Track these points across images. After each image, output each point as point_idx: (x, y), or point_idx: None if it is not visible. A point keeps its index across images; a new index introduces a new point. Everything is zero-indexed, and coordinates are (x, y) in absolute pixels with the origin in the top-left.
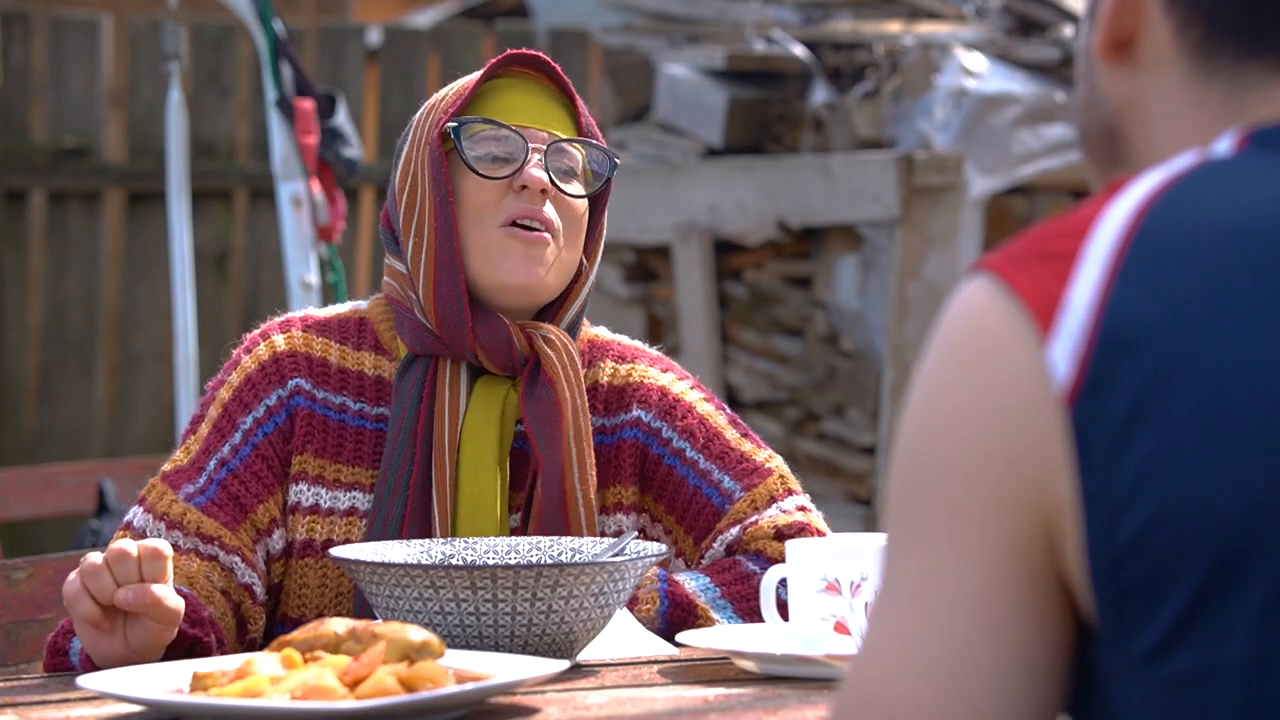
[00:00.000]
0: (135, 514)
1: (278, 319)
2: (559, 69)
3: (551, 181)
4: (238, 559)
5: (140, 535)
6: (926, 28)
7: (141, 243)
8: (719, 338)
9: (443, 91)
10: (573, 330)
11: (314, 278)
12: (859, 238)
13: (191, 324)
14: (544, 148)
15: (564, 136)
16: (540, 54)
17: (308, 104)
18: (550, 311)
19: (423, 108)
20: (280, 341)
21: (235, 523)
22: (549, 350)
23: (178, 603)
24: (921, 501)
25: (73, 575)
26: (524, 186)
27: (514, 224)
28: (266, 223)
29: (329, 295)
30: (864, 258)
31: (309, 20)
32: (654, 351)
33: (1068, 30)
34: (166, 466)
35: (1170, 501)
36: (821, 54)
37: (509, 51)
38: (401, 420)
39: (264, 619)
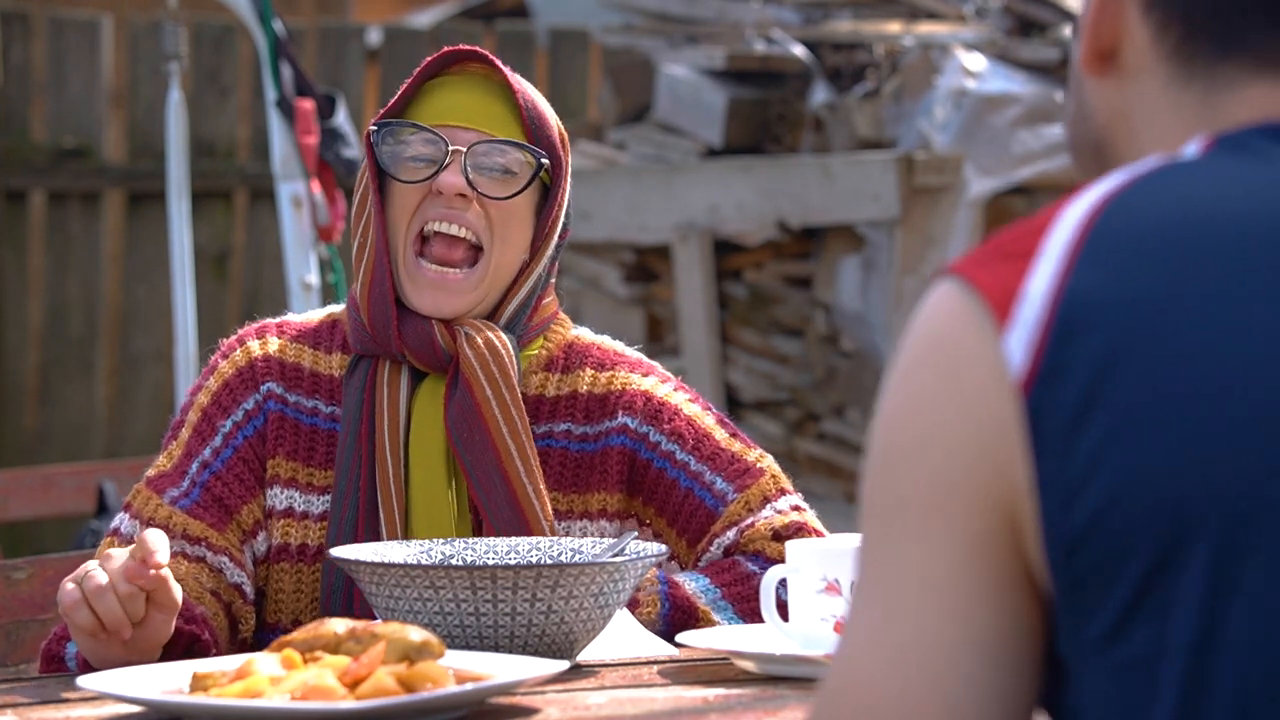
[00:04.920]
0: (122, 520)
1: (254, 325)
2: (498, 63)
3: (470, 185)
4: (225, 559)
5: (127, 542)
6: (926, 28)
7: (141, 243)
8: (719, 338)
9: None
10: (514, 324)
11: (314, 278)
12: (859, 238)
13: (191, 324)
14: (464, 149)
15: (493, 135)
16: (480, 49)
17: (308, 104)
18: (494, 310)
19: None
20: (255, 347)
21: (221, 523)
22: (468, 349)
23: (178, 588)
24: (891, 495)
25: (69, 585)
26: (440, 192)
27: (430, 256)
28: (266, 223)
29: (329, 295)
30: (864, 258)
31: (309, 20)
32: (634, 355)
33: (1068, 30)
34: (150, 472)
35: (1118, 486)
36: (821, 54)
37: (445, 49)
38: (349, 423)
39: (254, 619)
